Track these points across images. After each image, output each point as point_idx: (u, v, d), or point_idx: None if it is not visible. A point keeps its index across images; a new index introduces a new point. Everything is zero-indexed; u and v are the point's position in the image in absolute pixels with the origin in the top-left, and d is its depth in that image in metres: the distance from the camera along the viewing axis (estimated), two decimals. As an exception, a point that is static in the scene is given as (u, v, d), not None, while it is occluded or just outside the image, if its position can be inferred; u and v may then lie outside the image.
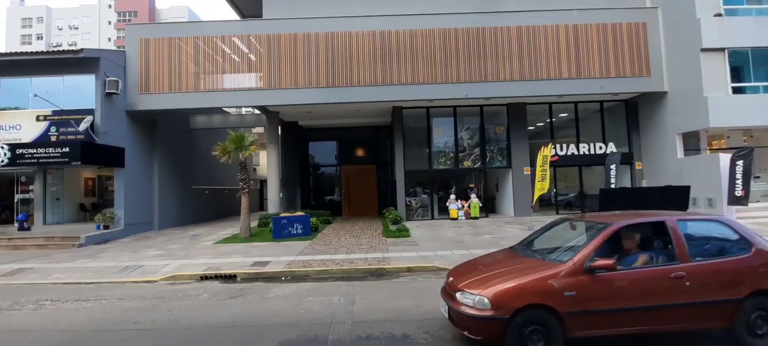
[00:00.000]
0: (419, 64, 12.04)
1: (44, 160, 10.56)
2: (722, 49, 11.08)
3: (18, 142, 10.76)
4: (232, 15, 17.05)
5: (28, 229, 11.34)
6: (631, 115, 13.58)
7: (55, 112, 11.09)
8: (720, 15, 11.13)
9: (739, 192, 10.00)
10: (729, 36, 11.09)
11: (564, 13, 12.31)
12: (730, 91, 11.07)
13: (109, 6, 60.79)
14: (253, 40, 12.12)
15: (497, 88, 12.15)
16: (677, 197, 7.08)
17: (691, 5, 11.27)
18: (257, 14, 13.56)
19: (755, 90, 11.32)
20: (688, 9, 11.34)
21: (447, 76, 12.06)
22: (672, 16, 12.03)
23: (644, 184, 12.97)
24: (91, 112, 11.12)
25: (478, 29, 12.15)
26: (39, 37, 60.17)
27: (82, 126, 10.98)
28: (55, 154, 10.49)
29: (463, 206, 13.30)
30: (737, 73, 11.35)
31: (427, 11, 12.38)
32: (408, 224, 11.78)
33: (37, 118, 11.06)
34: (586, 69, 12.14)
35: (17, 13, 60.52)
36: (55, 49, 10.93)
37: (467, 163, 13.76)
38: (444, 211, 13.52)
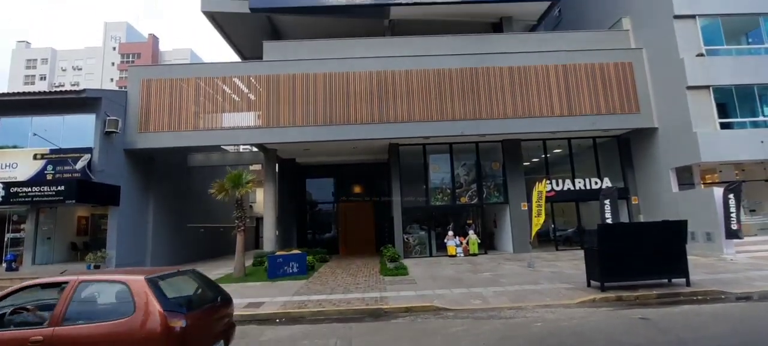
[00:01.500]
0: (415, 102, 12.35)
1: (38, 198, 10.48)
2: (707, 87, 11.48)
3: (13, 180, 10.71)
4: (233, 57, 17.65)
5: (16, 269, 11.04)
6: (624, 150, 13.82)
7: (52, 151, 11.13)
8: (702, 55, 11.63)
9: (734, 225, 10.06)
10: (712, 74, 11.54)
11: (553, 54, 12.82)
12: (718, 126, 11.37)
13: (114, 48, 62.63)
14: (253, 80, 12.45)
15: (492, 125, 12.41)
16: (675, 233, 7.11)
17: (673, 46, 11.79)
18: (258, 56, 14.01)
19: (742, 125, 11.65)
20: (671, 50, 11.86)
21: (442, 114, 12.33)
22: (656, 56, 12.55)
23: (641, 219, 12.99)
24: (89, 150, 11.17)
25: (471, 69, 12.59)
26: (42, 78, 61.42)
27: (79, 164, 10.99)
28: (50, 193, 10.42)
29: (461, 243, 13.16)
30: (724, 109, 11.71)
31: (421, 53, 12.84)
32: (406, 262, 11.60)
33: (35, 157, 11.08)
34: (577, 106, 12.49)
35: (23, 54, 62.10)
36: (57, 90, 11.14)
37: (464, 200, 13.77)
38: (442, 248, 13.36)
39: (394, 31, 15.33)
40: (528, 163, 14.49)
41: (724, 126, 11.45)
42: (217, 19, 14.78)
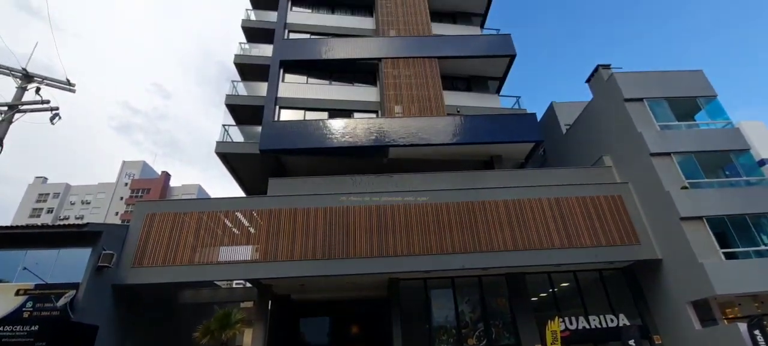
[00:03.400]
0: (414, 236, 12.38)
1: (7, 339, 9.57)
2: (700, 218, 11.68)
3: (-15, 319, 9.94)
4: (237, 190, 18.45)
5: None
6: (633, 283, 13.30)
7: (37, 286, 10.63)
8: (686, 188, 12.18)
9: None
10: (702, 206, 11.85)
11: (545, 188, 13.42)
12: (722, 257, 11.16)
13: (126, 184, 65.84)
14: (255, 214, 12.72)
15: (493, 258, 12.20)
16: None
17: (657, 180, 12.44)
18: (261, 189, 14.62)
19: (747, 255, 11.43)
20: (656, 183, 12.47)
21: (442, 247, 12.24)
22: (642, 189, 13.12)
23: (670, 362, 11.71)
24: (75, 286, 10.68)
25: (468, 203, 13.00)
26: (49, 211, 62.88)
27: (61, 302, 10.37)
28: (22, 333, 9.58)
29: (472, 394, 11.55)
30: (723, 239, 11.64)
31: (418, 188, 13.44)
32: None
33: (17, 293, 10.51)
34: (576, 238, 12.49)
35: (37, 189, 64.85)
36: (60, 224, 11.34)
37: (472, 341, 12.60)
38: (451, 400, 11.67)
39: (393, 169, 16.36)
40: (535, 299, 13.76)
41: (728, 256, 11.26)
42: (229, 158, 15.92)
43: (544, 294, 14.02)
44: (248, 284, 14.70)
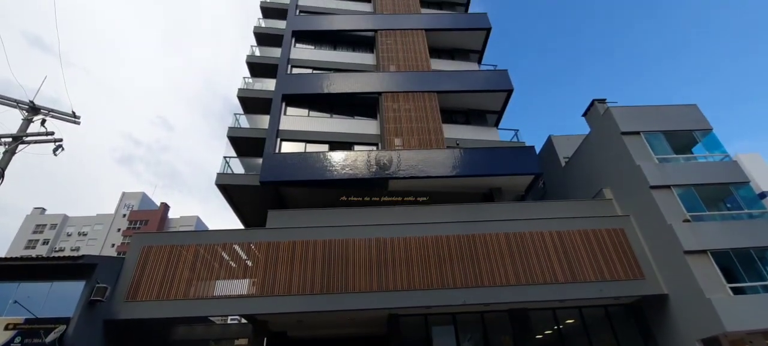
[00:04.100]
0: (414, 270, 12.15)
1: (-8, 379, 9.19)
2: (704, 252, 11.49)
3: (-30, 357, 9.60)
4: (236, 221, 18.32)
5: None
6: (641, 321, 12.90)
7: (27, 320, 10.33)
8: (688, 221, 12.08)
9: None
10: (706, 239, 11.67)
11: (546, 221, 13.31)
12: (730, 292, 10.90)
13: (124, 215, 65.43)
14: (253, 247, 12.55)
15: (494, 293, 11.92)
16: None
17: (659, 213, 12.36)
18: (260, 221, 14.50)
19: (755, 290, 11.17)
20: (658, 216, 12.37)
21: (443, 282, 11.99)
22: (644, 222, 13.00)
23: (683, 405, 11.16)
24: (66, 320, 10.37)
25: (469, 236, 12.86)
26: (45, 242, 62.11)
27: (51, 337, 10.05)
28: (5, 374, 9.19)
29: None
30: (730, 273, 11.39)
31: (418, 221, 13.34)
32: None
33: (6, 327, 10.21)
34: (579, 273, 12.25)
35: (35, 220, 64.35)
36: (54, 256, 11.15)
37: (475, 380, 12.09)
38: None
39: (392, 200, 16.32)
40: (540, 336, 13.30)
41: (736, 291, 11.00)
42: (229, 190, 15.92)
43: (549, 332, 13.57)
44: (244, 320, 14.29)
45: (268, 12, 24.82)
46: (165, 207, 65.53)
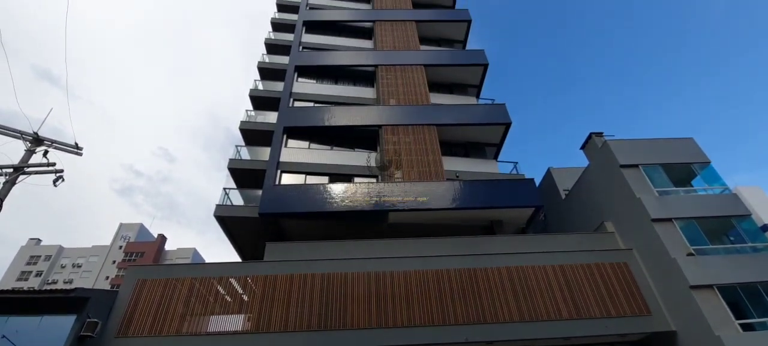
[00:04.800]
0: (415, 306, 11.83)
1: None
2: (711, 286, 11.26)
3: (-51, 399, 9.16)
4: (233, 254, 18.05)
5: None
6: (649, 359, 12.44)
7: (12, 360, 9.94)
8: (692, 254, 11.91)
9: None
10: (711, 274, 11.47)
11: (548, 254, 13.11)
12: (739, 328, 10.59)
13: (120, 247, 64.53)
14: (249, 280, 12.29)
15: (498, 330, 11.55)
16: None
17: (661, 246, 12.20)
18: (258, 254, 14.27)
19: (764, 326, 10.84)
20: (661, 249, 12.21)
21: (445, 319, 11.63)
22: (648, 256, 12.80)
23: None
24: (52, 359, 9.99)
25: (470, 270, 12.61)
26: (38, 274, 60.84)
27: (35, 377, 9.63)
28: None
29: None
30: (737, 309, 11.10)
31: (418, 254, 13.14)
32: None
33: (-11, 367, 9.81)
34: (584, 309, 11.93)
35: (29, 251, 63.33)
36: (46, 289, 10.82)
37: None
38: None
39: (392, 233, 16.15)
40: (546, 375, 12.78)
41: (745, 327, 10.68)
42: (227, 222, 15.80)
43: (555, 371, 13.05)
44: (238, 358, 13.74)
45: (272, 48, 25.61)
46: (162, 239, 64.74)
